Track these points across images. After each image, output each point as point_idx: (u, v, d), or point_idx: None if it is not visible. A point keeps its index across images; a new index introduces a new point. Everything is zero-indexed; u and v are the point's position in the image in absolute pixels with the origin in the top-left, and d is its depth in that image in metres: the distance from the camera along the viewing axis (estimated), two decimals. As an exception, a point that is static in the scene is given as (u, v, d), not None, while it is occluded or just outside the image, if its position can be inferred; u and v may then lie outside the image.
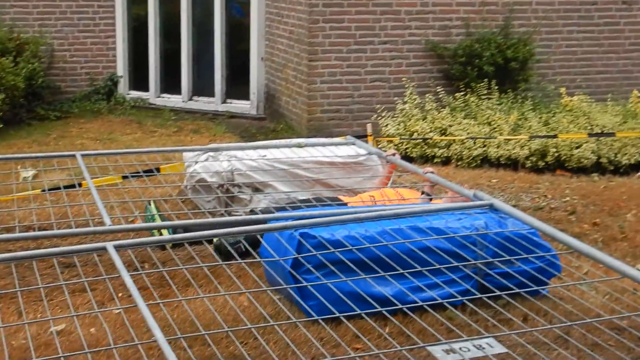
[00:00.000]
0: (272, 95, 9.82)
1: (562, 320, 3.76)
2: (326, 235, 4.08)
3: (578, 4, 9.35)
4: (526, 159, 7.64)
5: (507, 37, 8.92)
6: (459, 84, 8.71)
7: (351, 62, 8.74)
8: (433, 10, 8.91)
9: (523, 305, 3.76)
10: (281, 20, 9.42)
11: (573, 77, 9.42)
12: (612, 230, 5.78)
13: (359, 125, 8.68)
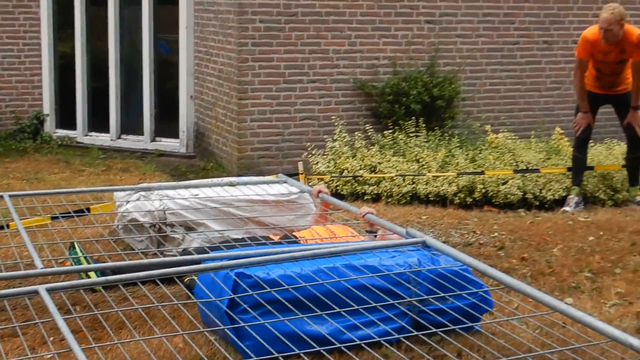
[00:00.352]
0: (202, 134, 9.82)
1: (495, 355, 3.84)
2: (262, 275, 4.09)
3: (501, 44, 9.60)
4: (454, 196, 7.77)
5: (433, 76, 9.09)
6: (388, 122, 8.84)
7: (281, 101, 8.81)
8: (361, 50, 9.04)
9: (457, 341, 3.82)
10: (210, 58, 9.45)
11: (497, 115, 9.64)
12: (539, 265, 5.91)
13: (289, 163, 8.74)
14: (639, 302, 5.16)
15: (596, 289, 5.44)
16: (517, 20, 9.61)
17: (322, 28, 8.86)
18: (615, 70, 7.65)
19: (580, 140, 7.81)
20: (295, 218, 5.74)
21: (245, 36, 8.63)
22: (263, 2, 8.63)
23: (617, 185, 8.03)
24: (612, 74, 7.67)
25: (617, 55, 7.51)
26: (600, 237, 6.69)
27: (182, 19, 9.95)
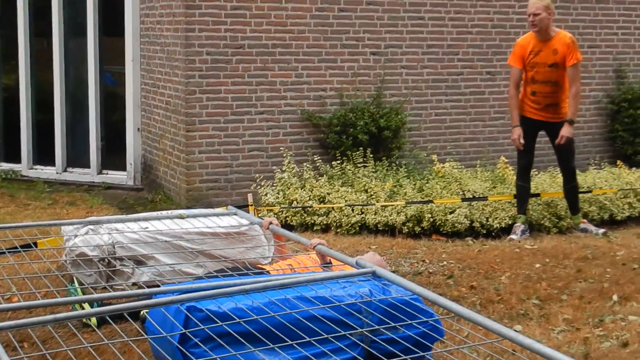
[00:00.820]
0: (150, 166, 9.78)
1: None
2: (213, 308, 4.07)
3: (445, 75, 9.74)
4: (403, 225, 7.84)
5: (379, 107, 9.19)
6: (335, 153, 8.90)
7: (229, 132, 8.82)
8: (308, 81, 9.11)
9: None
10: (157, 90, 9.43)
11: (443, 145, 9.76)
12: (488, 293, 5.98)
13: (238, 195, 8.74)
14: (585, 328, 5.25)
15: (544, 315, 5.52)
16: (460, 52, 9.77)
17: (269, 60, 8.91)
18: (549, 78, 7.61)
19: (522, 169, 7.89)
20: (246, 250, 5.73)
21: (193, 68, 8.64)
22: (210, 34, 8.66)
23: (562, 212, 8.17)
24: (546, 81, 7.62)
25: (549, 56, 7.56)
26: (547, 264, 6.80)
27: (128, 51, 9.92)
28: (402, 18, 9.43)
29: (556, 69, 7.60)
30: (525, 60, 7.64)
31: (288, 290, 4.28)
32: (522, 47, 7.66)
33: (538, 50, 7.58)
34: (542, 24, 7.48)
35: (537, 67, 7.61)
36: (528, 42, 7.64)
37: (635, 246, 7.51)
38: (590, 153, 10.48)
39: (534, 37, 7.61)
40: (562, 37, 7.61)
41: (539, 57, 7.59)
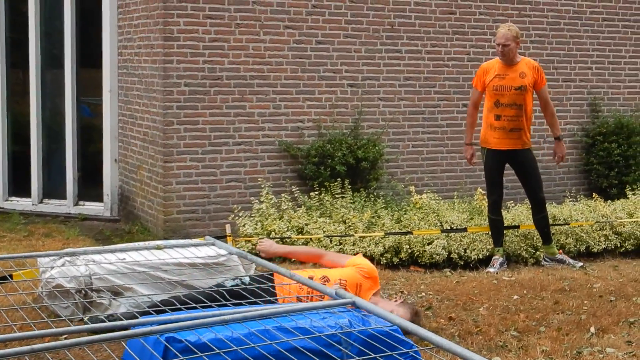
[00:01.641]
0: (127, 197, 9.74)
1: (427, 415, 3.85)
2: (192, 339, 4.05)
3: (422, 107, 9.81)
4: (381, 256, 7.84)
5: (357, 138, 9.22)
6: (313, 184, 8.91)
7: (207, 163, 8.81)
8: (285, 113, 9.13)
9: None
10: (135, 122, 9.42)
11: (420, 176, 9.80)
12: (467, 324, 5.98)
13: (216, 226, 8.71)
14: None
15: (522, 347, 5.52)
16: (437, 84, 9.84)
17: (247, 91, 8.94)
18: (515, 100, 7.63)
19: (494, 204, 7.87)
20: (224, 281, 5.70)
21: (170, 99, 8.65)
22: (188, 65, 8.67)
23: (538, 243, 8.21)
24: (511, 104, 7.63)
25: (516, 79, 7.61)
26: (525, 296, 6.81)
27: (105, 83, 9.92)
28: (379, 50, 9.50)
29: (522, 92, 7.64)
30: (486, 84, 7.67)
31: (268, 320, 4.26)
32: (485, 70, 7.73)
33: (504, 74, 7.63)
34: (510, 54, 7.59)
35: (503, 90, 7.62)
36: (492, 66, 7.71)
37: (611, 278, 7.55)
38: (566, 185, 10.56)
39: (499, 62, 7.68)
40: (528, 62, 7.75)
41: (505, 81, 7.62)
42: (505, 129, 7.68)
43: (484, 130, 7.82)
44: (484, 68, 7.79)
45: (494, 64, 7.73)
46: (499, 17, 9.99)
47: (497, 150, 7.74)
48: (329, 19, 9.25)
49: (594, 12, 10.57)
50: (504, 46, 7.52)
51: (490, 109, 7.73)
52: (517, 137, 7.73)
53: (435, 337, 3.97)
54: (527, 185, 7.94)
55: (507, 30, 7.54)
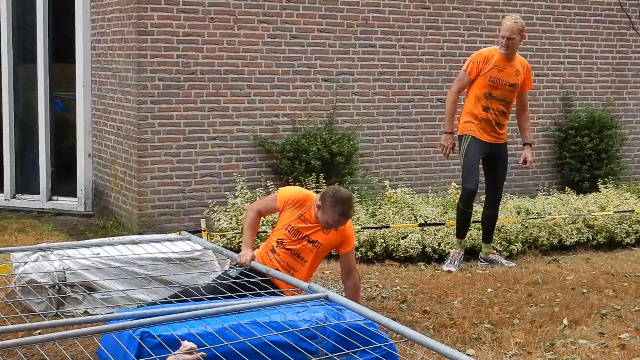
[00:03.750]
0: (101, 192, 9.69)
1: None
2: (167, 335, 4.05)
3: (397, 102, 9.83)
4: (356, 250, 7.84)
5: (331, 133, 9.23)
6: (288, 178, 8.91)
7: (181, 158, 8.79)
8: (260, 107, 9.13)
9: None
10: (109, 116, 9.38)
11: (395, 171, 9.83)
12: (441, 317, 6.02)
13: (190, 221, 8.70)
14: (537, 352, 5.31)
15: (496, 339, 5.57)
16: (411, 79, 9.87)
17: (222, 86, 8.92)
18: (506, 97, 7.48)
19: (470, 194, 7.56)
20: (199, 275, 5.71)
21: (145, 94, 8.61)
22: (162, 60, 8.64)
23: (512, 237, 8.26)
24: (502, 99, 7.47)
25: (512, 75, 7.43)
26: (498, 289, 6.87)
27: (79, 77, 9.86)
28: (353, 45, 9.51)
29: (514, 90, 7.51)
30: (482, 74, 7.41)
31: (242, 315, 4.27)
32: (486, 58, 7.42)
33: (503, 67, 7.40)
34: (514, 47, 7.39)
35: (499, 83, 7.41)
36: (492, 56, 7.43)
37: (584, 271, 7.62)
38: (539, 179, 10.63)
39: (498, 53, 7.42)
40: (522, 61, 7.60)
41: (503, 74, 7.41)
42: (491, 123, 7.51)
43: (465, 118, 7.56)
44: (484, 55, 7.44)
45: (493, 54, 7.43)
46: (472, 12, 10.04)
47: (481, 139, 7.51)
48: (303, 13, 9.25)
49: (566, 7, 10.64)
50: (509, 39, 7.29)
51: (478, 99, 7.47)
52: (501, 132, 7.61)
53: (409, 330, 4.01)
54: (493, 180, 7.76)
55: (514, 23, 7.30)
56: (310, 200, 5.54)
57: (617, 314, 6.17)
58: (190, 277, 5.65)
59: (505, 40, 7.32)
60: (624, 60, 11.08)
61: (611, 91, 11.07)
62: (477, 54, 7.51)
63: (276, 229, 5.61)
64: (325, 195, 5.42)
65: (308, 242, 5.53)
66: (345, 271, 5.75)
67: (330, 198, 5.38)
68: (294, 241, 5.51)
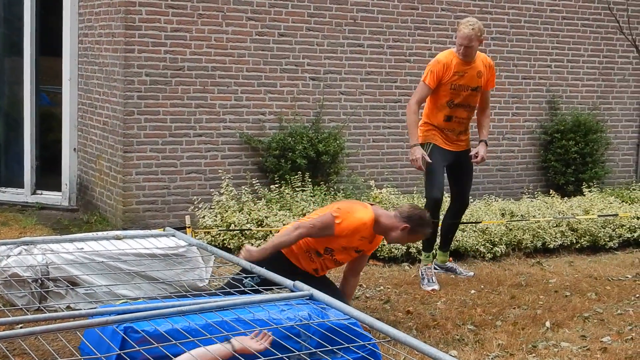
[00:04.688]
0: (86, 187, 9.66)
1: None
2: (150, 330, 4.03)
3: (383, 102, 9.84)
4: (340, 250, 7.85)
5: (318, 132, 9.23)
6: (274, 176, 8.91)
7: (167, 154, 8.76)
8: (247, 105, 9.11)
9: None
10: (95, 111, 9.34)
11: (381, 170, 9.84)
12: (424, 318, 6.04)
13: (175, 217, 8.68)
14: (519, 354, 5.33)
15: (479, 341, 5.59)
16: (398, 79, 9.88)
17: (209, 82, 8.90)
18: (469, 102, 7.04)
19: (436, 203, 6.99)
20: (183, 272, 5.70)
21: (131, 89, 8.59)
22: (149, 55, 8.62)
23: (496, 239, 8.29)
24: (465, 105, 7.02)
25: (474, 78, 6.96)
26: (482, 291, 6.89)
27: (65, 71, 9.82)
28: (341, 44, 9.51)
29: (477, 93, 7.07)
30: (443, 82, 6.90)
31: (226, 312, 4.26)
32: (446, 66, 6.88)
33: (463, 72, 6.91)
34: (473, 54, 6.94)
35: (460, 89, 6.94)
36: (451, 61, 6.90)
37: (567, 274, 7.66)
38: (524, 182, 10.66)
39: (456, 57, 6.92)
40: (484, 59, 7.14)
41: (464, 79, 6.93)
42: (455, 132, 7.09)
43: (427, 127, 7.06)
44: (443, 63, 6.89)
45: (451, 59, 6.91)
46: (461, 14, 10.05)
47: (443, 147, 7.06)
48: (292, 11, 9.25)
49: (554, 11, 10.67)
50: (467, 48, 6.84)
51: (440, 108, 6.99)
52: (465, 140, 7.22)
53: (393, 330, 4.00)
54: (458, 186, 7.31)
55: (471, 30, 6.78)
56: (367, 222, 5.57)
57: (600, 317, 6.20)
58: (175, 273, 5.63)
59: (464, 49, 6.84)
60: (610, 65, 11.13)
61: (597, 95, 11.12)
62: (435, 63, 6.94)
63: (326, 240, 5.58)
64: (412, 219, 5.61)
65: (355, 252, 5.72)
66: (356, 270, 5.92)
67: (419, 221, 5.65)
68: (344, 253, 5.68)
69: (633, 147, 11.47)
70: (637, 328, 5.90)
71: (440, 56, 7.01)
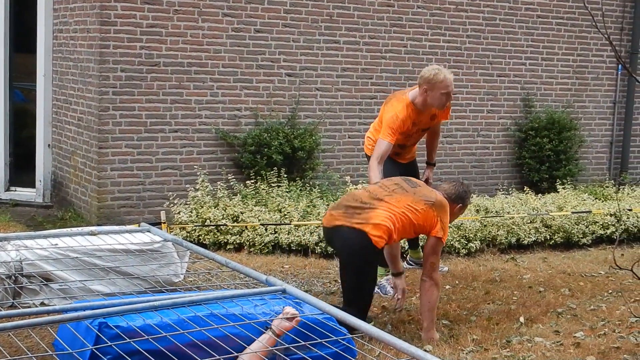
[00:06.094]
0: (60, 183, 9.60)
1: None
2: (125, 326, 4.03)
3: (359, 98, 9.86)
4: (316, 245, 7.87)
5: (294, 128, 9.24)
6: (250, 172, 8.90)
7: (142, 150, 8.73)
8: (223, 100, 9.10)
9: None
10: (69, 107, 9.29)
11: (356, 167, 9.86)
12: (399, 313, 6.05)
13: (150, 213, 8.66)
14: (493, 349, 5.36)
15: (453, 336, 5.61)
16: (374, 76, 9.90)
17: (184, 78, 8.88)
18: (418, 139, 6.87)
19: None
20: (158, 267, 5.68)
21: (106, 85, 8.55)
22: (125, 51, 8.58)
23: (470, 235, 8.33)
24: (414, 143, 6.89)
25: (427, 121, 6.65)
26: (456, 286, 6.92)
27: (39, 67, 9.76)
28: (317, 41, 9.52)
29: (426, 131, 6.83)
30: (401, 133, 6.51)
31: (198, 307, 4.26)
32: (405, 121, 6.43)
33: (419, 120, 6.54)
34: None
35: (412, 133, 6.64)
36: (409, 116, 6.44)
37: (541, 270, 7.71)
38: (499, 179, 10.72)
39: (413, 108, 6.44)
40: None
41: (418, 125, 6.61)
42: (404, 157, 6.91)
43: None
44: (403, 120, 6.41)
45: (409, 112, 6.43)
46: (436, 11, 10.09)
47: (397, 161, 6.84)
48: (268, 7, 9.24)
49: (529, 9, 10.73)
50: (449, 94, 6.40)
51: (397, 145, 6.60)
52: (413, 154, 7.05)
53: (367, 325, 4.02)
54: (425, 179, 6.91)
55: (451, 74, 6.39)
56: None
57: (573, 313, 6.25)
58: (150, 268, 5.62)
59: (446, 96, 6.35)
60: (584, 63, 11.21)
61: (571, 93, 11.20)
62: (399, 122, 6.39)
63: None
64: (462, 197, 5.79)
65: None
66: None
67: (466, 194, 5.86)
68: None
69: (606, 145, 11.57)
70: (610, 323, 5.95)
71: (399, 112, 6.43)
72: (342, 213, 5.50)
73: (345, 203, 5.59)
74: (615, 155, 11.62)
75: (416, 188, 5.63)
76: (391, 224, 5.40)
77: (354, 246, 5.36)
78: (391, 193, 5.55)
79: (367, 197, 5.55)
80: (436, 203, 5.54)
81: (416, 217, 5.49)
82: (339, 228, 5.45)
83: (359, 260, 5.38)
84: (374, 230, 5.35)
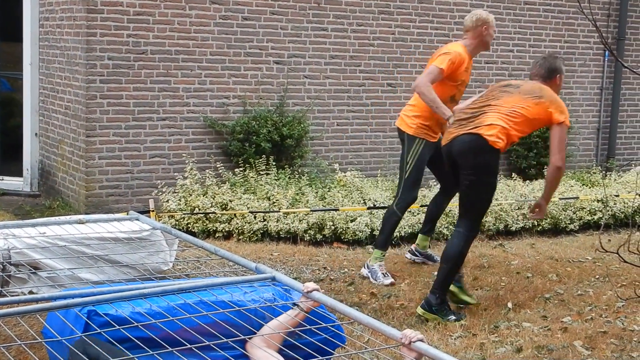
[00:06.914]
0: (48, 172, 9.58)
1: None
2: (114, 313, 4.02)
3: (347, 85, 9.85)
4: (305, 232, 7.89)
5: (282, 115, 9.23)
6: (238, 160, 8.90)
7: (130, 138, 8.72)
8: (211, 88, 9.08)
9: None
10: (56, 95, 9.26)
11: (345, 154, 9.86)
12: (388, 300, 6.07)
13: (139, 201, 8.65)
14: (482, 334, 5.39)
15: (442, 322, 5.64)
16: (362, 63, 9.90)
17: (172, 66, 8.86)
18: (460, 96, 6.75)
19: (412, 201, 6.81)
20: (147, 255, 5.68)
21: (94, 73, 8.52)
22: (112, 39, 8.55)
23: (459, 222, 8.34)
24: (458, 101, 6.64)
25: (469, 73, 6.73)
26: (445, 272, 6.92)
27: (26, 56, 9.71)
28: (305, 28, 9.50)
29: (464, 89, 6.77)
30: (453, 76, 6.48)
31: (188, 295, 4.26)
32: (462, 57, 6.47)
33: (469, 65, 6.61)
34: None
35: (462, 85, 6.62)
36: (466, 54, 6.55)
37: (528, 256, 7.74)
38: (487, 165, 10.72)
39: (467, 51, 6.56)
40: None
41: (466, 75, 6.63)
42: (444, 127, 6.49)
43: (420, 120, 6.59)
44: (463, 57, 6.47)
45: (466, 52, 6.54)
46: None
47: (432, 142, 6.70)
48: (256, -5, 9.22)
49: (517, -4, 10.75)
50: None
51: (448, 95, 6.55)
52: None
53: (355, 312, 4.03)
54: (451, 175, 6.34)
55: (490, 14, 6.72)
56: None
57: (560, 298, 6.29)
58: (139, 257, 5.61)
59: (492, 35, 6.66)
60: (571, 50, 11.23)
61: (559, 80, 11.20)
62: (457, 55, 6.42)
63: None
64: (558, 69, 6.00)
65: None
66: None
67: (560, 62, 6.09)
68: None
69: (593, 131, 11.60)
70: (597, 308, 5.99)
71: (460, 48, 6.50)
72: (456, 127, 5.77)
73: (456, 118, 5.87)
74: (602, 142, 11.66)
75: (519, 87, 5.85)
76: (504, 123, 5.63)
77: (472, 148, 5.61)
78: (497, 97, 5.79)
79: (476, 106, 5.81)
80: (542, 94, 5.76)
81: (529, 112, 5.72)
82: (455, 138, 5.72)
83: (477, 161, 5.61)
84: (489, 130, 5.60)
